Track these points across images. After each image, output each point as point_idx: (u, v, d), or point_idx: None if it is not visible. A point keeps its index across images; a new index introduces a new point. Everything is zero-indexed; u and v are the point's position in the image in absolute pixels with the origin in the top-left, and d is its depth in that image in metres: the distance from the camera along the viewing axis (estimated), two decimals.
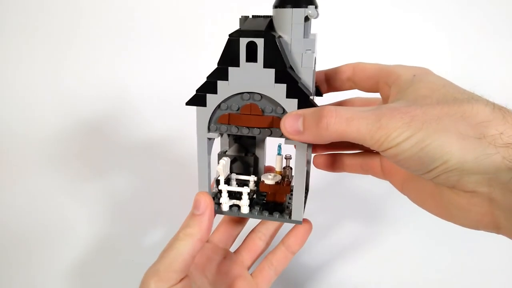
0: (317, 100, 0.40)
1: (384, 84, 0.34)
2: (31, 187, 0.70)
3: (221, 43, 0.33)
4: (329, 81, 0.39)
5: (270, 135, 0.35)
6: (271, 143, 0.43)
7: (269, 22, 0.34)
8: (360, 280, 0.47)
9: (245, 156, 0.43)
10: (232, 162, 0.43)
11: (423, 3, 0.92)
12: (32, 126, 0.85)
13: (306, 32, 0.34)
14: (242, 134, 0.36)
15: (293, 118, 0.32)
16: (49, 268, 0.53)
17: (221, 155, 0.42)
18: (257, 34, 0.32)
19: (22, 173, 0.74)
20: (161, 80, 0.92)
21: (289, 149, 0.38)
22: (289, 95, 0.33)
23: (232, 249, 0.44)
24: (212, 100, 0.35)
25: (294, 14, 0.33)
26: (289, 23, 0.33)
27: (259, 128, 0.35)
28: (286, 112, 0.34)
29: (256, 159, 0.43)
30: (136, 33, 0.96)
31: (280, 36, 0.34)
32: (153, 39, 0.96)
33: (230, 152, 0.43)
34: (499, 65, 0.89)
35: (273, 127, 0.35)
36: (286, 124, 0.32)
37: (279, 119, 0.34)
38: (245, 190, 0.38)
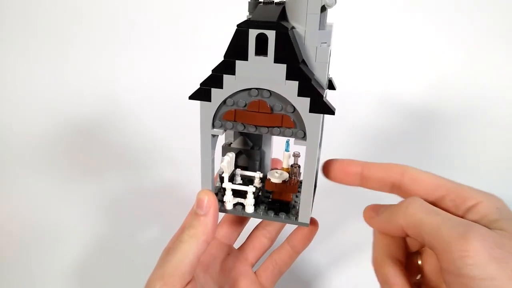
0: (330, 94, 0.38)
1: (451, 204, 0.29)
2: (26, 187, 0.68)
3: (219, 44, 0.30)
4: (365, 177, 0.33)
5: (278, 135, 0.33)
6: (278, 137, 0.40)
7: (282, 11, 0.31)
8: (365, 280, 0.46)
9: (251, 150, 0.41)
10: (237, 156, 0.40)
11: (425, 6, 0.88)
12: (26, 126, 0.83)
13: (322, 23, 0.31)
14: (249, 132, 0.33)
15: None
16: (48, 269, 0.53)
17: (225, 148, 0.40)
18: (268, 25, 0.29)
19: (17, 173, 0.72)
20: (155, 79, 0.90)
21: (297, 146, 0.36)
22: (301, 93, 0.30)
23: (236, 245, 0.43)
24: (217, 95, 0.32)
25: (310, 3, 0.30)
26: (303, 12, 0.30)
27: (267, 127, 0.33)
28: (297, 111, 0.31)
29: (263, 154, 0.41)
30: (129, 32, 0.93)
31: (293, 27, 0.30)
32: (147, 38, 0.92)
33: (235, 144, 0.41)
34: (504, 69, 0.85)
35: (282, 126, 0.32)
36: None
37: (289, 117, 0.32)
38: (250, 189, 0.36)
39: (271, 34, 0.29)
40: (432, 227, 0.26)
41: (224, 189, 0.37)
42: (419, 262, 0.32)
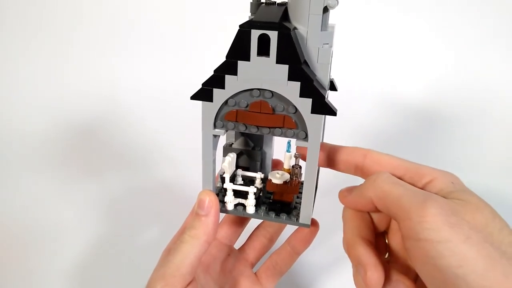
0: (331, 94, 0.38)
1: (410, 181, 0.31)
2: (26, 187, 0.68)
3: (221, 44, 0.30)
4: (330, 159, 0.35)
5: (280, 135, 0.33)
6: (279, 138, 0.40)
7: (284, 11, 0.31)
8: None
9: (252, 150, 0.41)
10: (238, 156, 0.40)
11: (425, 7, 0.88)
12: (26, 126, 0.83)
13: (324, 24, 0.31)
14: (251, 132, 0.33)
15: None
16: (48, 269, 0.53)
17: (227, 148, 0.40)
18: (270, 26, 0.29)
19: (18, 173, 0.72)
20: (156, 79, 0.90)
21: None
22: (302, 94, 0.30)
23: (236, 245, 0.43)
24: (219, 95, 0.32)
25: (312, 4, 0.30)
26: (306, 13, 0.30)
27: (268, 127, 0.33)
28: (299, 112, 0.31)
29: (264, 154, 0.41)
30: (129, 32, 0.93)
31: (295, 28, 0.31)
32: (147, 38, 0.92)
33: (236, 145, 0.41)
34: (504, 69, 0.85)
35: (284, 126, 0.32)
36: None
37: (291, 118, 0.32)
38: (251, 190, 0.36)
39: (273, 35, 0.29)
40: (395, 197, 0.28)
41: (225, 190, 0.37)
42: (386, 241, 0.33)
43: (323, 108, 0.31)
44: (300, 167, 0.37)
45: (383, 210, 0.29)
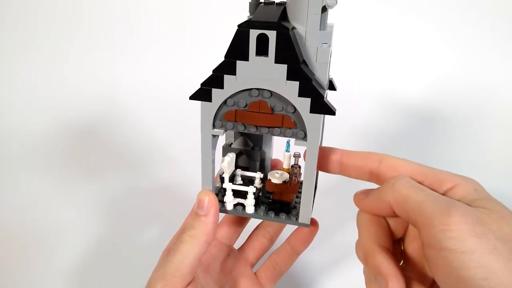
0: (330, 93, 0.38)
1: (430, 188, 0.29)
2: (27, 187, 0.68)
3: (220, 44, 0.30)
4: (343, 164, 0.33)
5: (279, 135, 0.33)
6: (279, 138, 0.40)
7: (283, 11, 0.31)
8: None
9: (251, 150, 0.41)
10: (237, 156, 0.40)
11: (425, 7, 0.88)
12: (26, 126, 0.83)
13: (323, 23, 0.31)
14: (250, 132, 0.33)
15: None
16: (48, 269, 0.53)
17: (226, 148, 0.40)
18: (269, 25, 0.29)
19: (18, 173, 0.72)
20: (156, 79, 0.90)
21: (297, 146, 0.36)
22: (301, 93, 0.30)
23: (236, 245, 0.43)
24: (218, 95, 0.32)
25: (311, 4, 0.30)
26: (304, 13, 0.30)
27: (267, 127, 0.33)
28: (298, 111, 0.31)
29: (263, 154, 0.41)
30: (129, 32, 0.93)
31: (293, 28, 0.31)
32: (147, 38, 0.92)
33: (235, 145, 0.41)
34: (503, 69, 0.85)
35: (283, 126, 0.32)
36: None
37: (290, 118, 0.32)
38: (250, 190, 0.36)
39: (272, 35, 0.29)
40: (416, 202, 0.26)
41: (225, 190, 0.37)
42: (402, 248, 0.32)
43: (322, 107, 0.31)
44: (300, 167, 0.37)
45: (402, 216, 0.28)
